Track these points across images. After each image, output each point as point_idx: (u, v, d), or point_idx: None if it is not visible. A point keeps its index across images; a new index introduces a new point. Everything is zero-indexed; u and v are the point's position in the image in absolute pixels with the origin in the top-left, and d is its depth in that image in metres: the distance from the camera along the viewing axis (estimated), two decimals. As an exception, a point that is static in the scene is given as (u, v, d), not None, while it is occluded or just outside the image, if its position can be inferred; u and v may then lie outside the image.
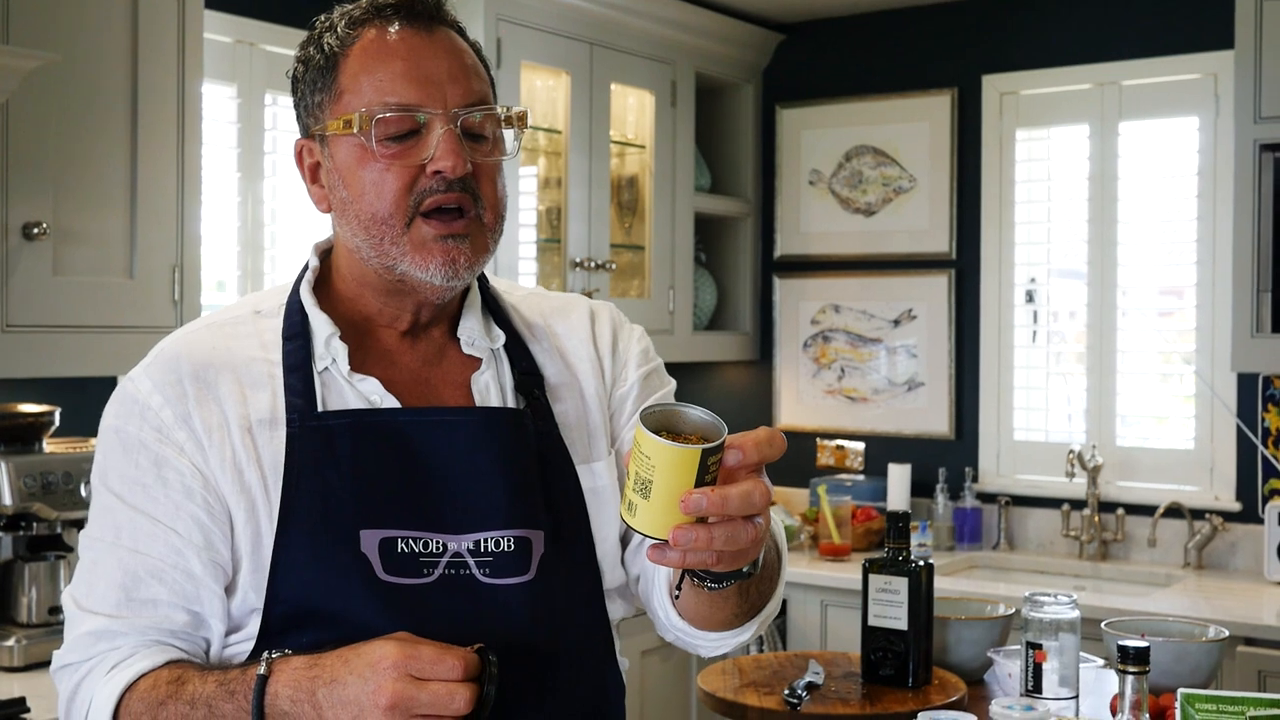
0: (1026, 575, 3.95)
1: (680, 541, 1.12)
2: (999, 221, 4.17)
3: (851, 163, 4.43)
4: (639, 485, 1.12)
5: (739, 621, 1.39)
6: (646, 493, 1.11)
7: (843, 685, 2.26)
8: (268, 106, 3.49)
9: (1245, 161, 3.44)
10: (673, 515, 1.11)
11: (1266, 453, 3.73)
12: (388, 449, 1.37)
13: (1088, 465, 3.90)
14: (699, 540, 1.11)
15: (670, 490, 1.11)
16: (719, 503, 1.11)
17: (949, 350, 4.25)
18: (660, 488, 1.11)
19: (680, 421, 1.14)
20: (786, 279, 4.57)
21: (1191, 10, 3.83)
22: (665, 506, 1.11)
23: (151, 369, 1.41)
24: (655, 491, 1.11)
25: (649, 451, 1.11)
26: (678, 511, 1.11)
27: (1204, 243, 3.83)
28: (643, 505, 1.12)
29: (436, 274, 1.37)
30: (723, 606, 1.35)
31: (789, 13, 4.44)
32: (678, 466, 1.10)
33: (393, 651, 1.21)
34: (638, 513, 1.13)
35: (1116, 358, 3.99)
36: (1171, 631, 2.29)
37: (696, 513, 1.11)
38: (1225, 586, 3.60)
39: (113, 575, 1.35)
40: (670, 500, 1.11)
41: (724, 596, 1.31)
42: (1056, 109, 4.09)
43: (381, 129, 1.37)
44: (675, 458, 1.10)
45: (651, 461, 1.11)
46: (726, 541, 1.12)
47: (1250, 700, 1.66)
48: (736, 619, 1.38)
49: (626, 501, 1.14)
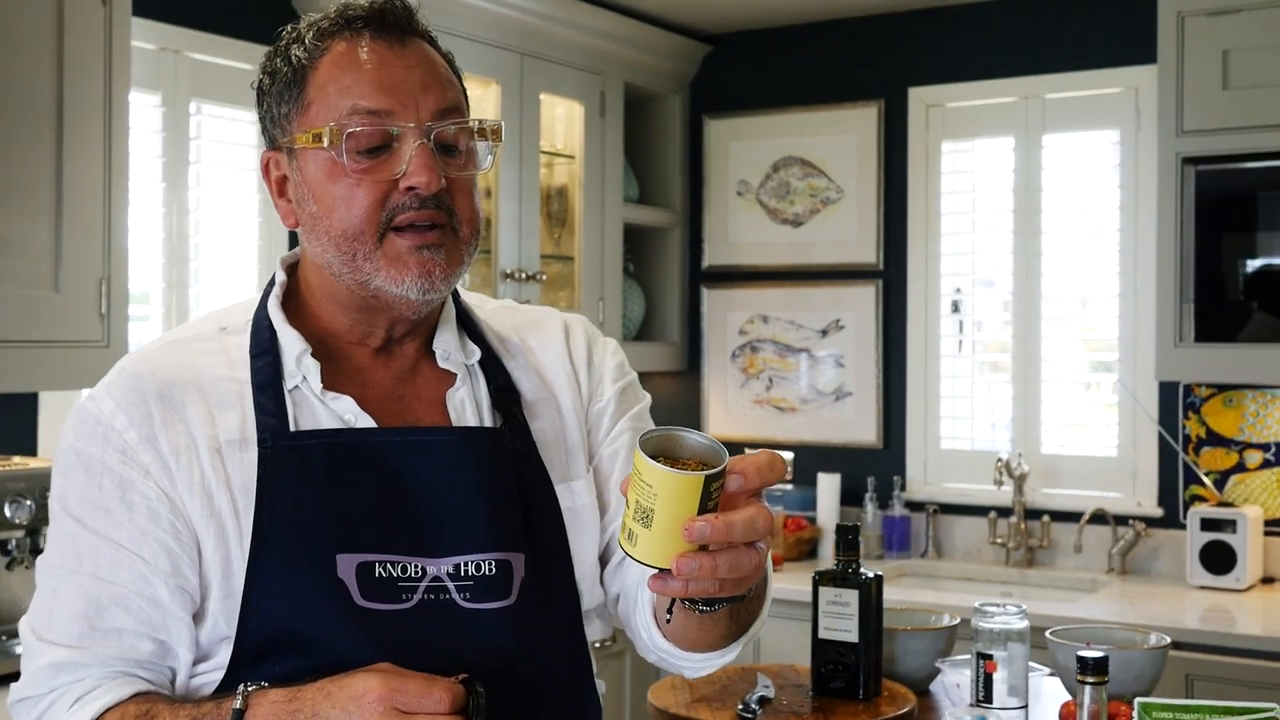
0: (955, 583, 3.99)
1: (684, 571, 1.10)
2: (925, 232, 4.21)
3: (779, 174, 4.45)
4: (640, 514, 1.10)
5: (726, 642, 1.37)
6: (648, 521, 1.09)
7: (794, 698, 2.26)
8: (193, 115, 3.42)
9: (1168, 174, 3.52)
10: (675, 544, 1.09)
11: (1187, 460, 3.81)
12: (364, 470, 1.34)
13: (1014, 473, 3.96)
14: (703, 569, 1.10)
15: (673, 518, 1.08)
16: (723, 530, 1.09)
17: (876, 360, 4.29)
18: (662, 516, 1.08)
19: (679, 447, 1.12)
20: (714, 289, 4.58)
21: (1113, 26, 3.91)
22: (667, 535, 1.09)
23: (114, 388, 1.36)
24: (657, 520, 1.09)
25: (650, 479, 1.08)
26: (680, 540, 1.09)
27: (1125, 254, 3.91)
28: (644, 534, 1.10)
29: (412, 288, 1.34)
30: (712, 629, 1.33)
31: (716, 24, 4.46)
32: (680, 494, 1.08)
33: (378, 684, 1.18)
34: (639, 542, 1.10)
35: (1041, 367, 4.05)
36: (1114, 639, 2.33)
37: (700, 540, 1.08)
38: (1149, 591, 3.67)
39: (74, 604, 1.30)
40: (673, 528, 1.08)
41: (714, 619, 1.30)
42: (981, 121, 4.15)
43: (352, 143, 1.33)
44: (678, 485, 1.08)
45: (653, 489, 1.08)
46: (730, 569, 1.11)
47: (1207, 708, 1.69)
48: (724, 640, 1.37)
49: (626, 531, 1.11)
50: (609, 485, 1.47)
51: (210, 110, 3.48)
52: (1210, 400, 3.80)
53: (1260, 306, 3.49)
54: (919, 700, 2.32)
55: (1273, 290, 3.48)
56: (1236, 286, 3.51)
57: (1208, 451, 3.80)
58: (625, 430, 1.50)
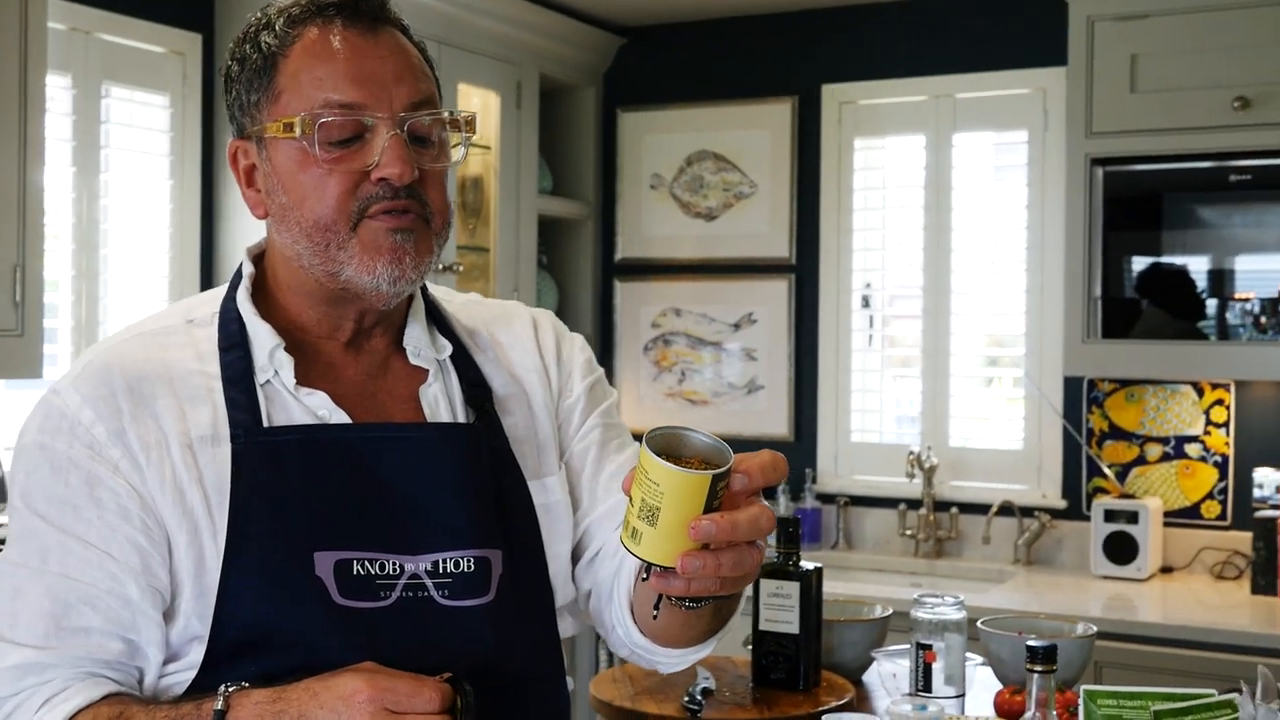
0: (866, 574, 4.05)
1: (689, 569, 1.10)
2: (837, 228, 4.27)
3: (693, 167, 4.47)
4: (645, 512, 1.10)
5: (706, 637, 1.38)
6: (654, 520, 1.09)
7: (735, 689, 2.28)
8: (104, 98, 3.33)
9: (1077, 174, 3.61)
10: (680, 542, 1.09)
11: (1091, 453, 3.92)
12: (340, 466, 1.32)
13: (924, 466, 4.03)
14: (707, 567, 1.10)
15: (679, 517, 1.09)
16: (729, 529, 1.10)
17: (788, 354, 4.33)
18: (669, 514, 1.09)
19: (683, 446, 1.13)
20: (627, 282, 4.59)
21: (1022, 29, 4.00)
22: (673, 533, 1.09)
23: (80, 382, 1.32)
24: (664, 518, 1.09)
25: (657, 478, 1.09)
26: (685, 538, 1.09)
27: (1033, 251, 4.00)
28: (649, 532, 1.10)
29: (383, 276, 1.32)
30: (696, 625, 1.34)
31: (630, 17, 4.46)
32: (688, 493, 1.08)
33: (367, 684, 1.16)
34: (643, 540, 1.10)
35: (949, 361, 4.13)
36: (1041, 629, 2.38)
37: (706, 539, 1.09)
38: (1055, 581, 3.77)
39: (40, 603, 1.26)
40: (679, 527, 1.09)
41: (699, 615, 1.30)
42: (893, 119, 4.21)
43: (324, 133, 1.31)
44: (686, 484, 1.08)
45: (660, 488, 1.09)
46: (734, 567, 1.11)
47: (1151, 695, 1.74)
48: (704, 635, 1.38)
49: (630, 529, 1.11)
50: (580, 481, 1.47)
51: (120, 93, 3.40)
52: (1113, 395, 3.91)
53: (1153, 303, 3.60)
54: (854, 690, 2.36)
55: (1166, 288, 3.59)
56: (1134, 284, 3.61)
57: (1110, 445, 3.91)
58: (595, 426, 1.50)
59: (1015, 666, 2.27)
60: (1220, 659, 3.20)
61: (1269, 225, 3.49)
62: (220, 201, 3.65)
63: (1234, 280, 3.52)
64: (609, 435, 1.50)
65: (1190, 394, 3.82)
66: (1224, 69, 3.45)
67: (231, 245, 3.64)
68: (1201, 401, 3.81)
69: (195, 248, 3.58)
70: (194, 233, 3.58)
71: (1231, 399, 3.77)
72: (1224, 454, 3.79)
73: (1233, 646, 3.21)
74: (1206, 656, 3.23)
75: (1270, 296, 3.44)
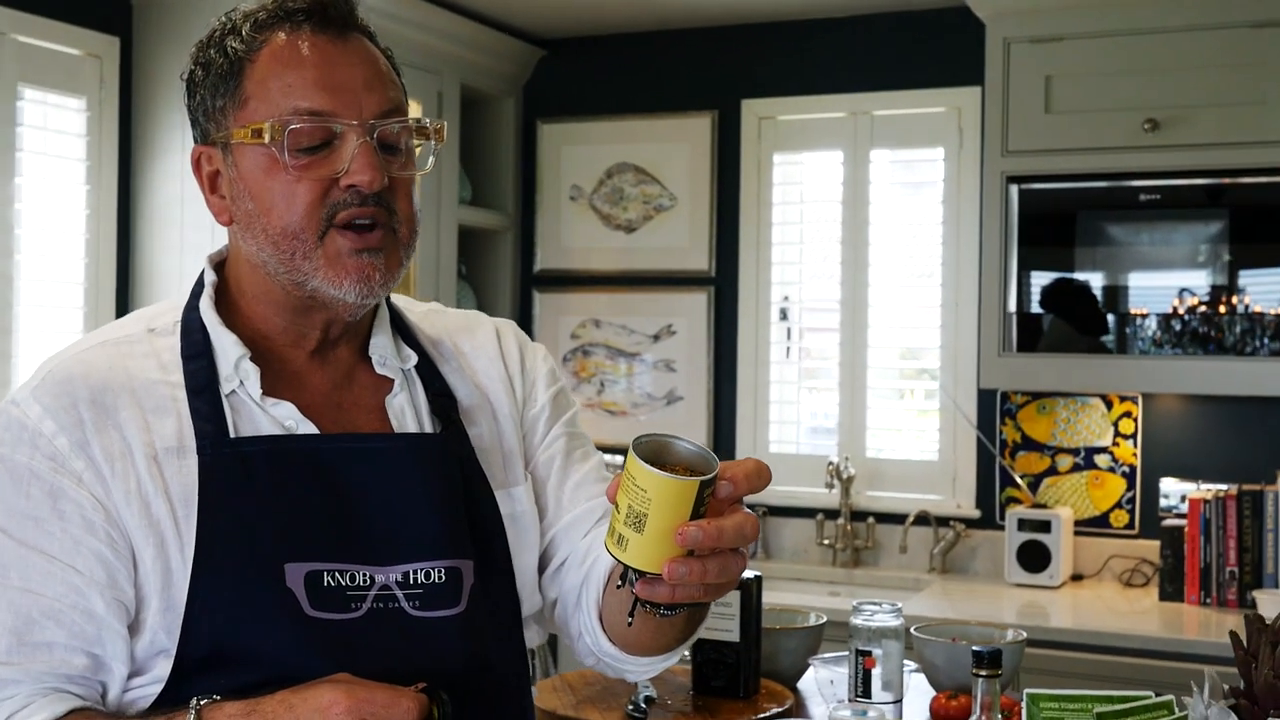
0: (784, 583, 4.09)
1: (675, 575, 1.11)
2: (756, 241, 4.31)
3: (613, 180, 4.49)
4: (632, 518, 1.10)
5: (677, 644, 1.39)
6: (640, 526, 1.10)
7: (676, 698, 2.29)
8: (19, 100, 3.25)
9: (993, 192, 3.69)
10: (667, 548, 1.10)
11: (1004, 463, 4.01)
12: (309, 477, 1.31)
13: (842, 476, 4.08)
14: (693, 573, 1.11)
15: (666, 523, 1.10)
16: (715, 535, 1.10)
17: (707, 365, 4.37)
18: (656, 520, 1.10)
19: (669, 453, 1.13)
20: (546, 293, 4.59)
21: (939, 49, 4.08)
22: (659, 540, 1.10)
23: (40, 392, 1.29)
24: (650, 524, 1.10)
25: (645, 484, 1.09)
26: (672, 545, 1.10)
27: (948, 266, 4.08)
28: (635, 539, 1.11)
29: (350, 291, 1.32)
30: (669, 632, 1.35)
31: (550, 29, 4.47)
32: (675, 499, 1.09)
33: (344, 695, 1.16)
34: (629, 547, 1.11)
35: (867, 373, 4.20)
36: (972, 635, 2.43)
37: (693, 545, 1.10)
38: (969, 589, 3.84)
39: (2, 618, 1.24)
40: (665, 533, 1.10)
41: (671, 623, 1.31)
42: (812, 135, 4.27)
43: (294, 140, 1.30)
44: (673, 490, 1.09)
45: (647, 494, 1.09)
46: (719, 574, 1.12)
47: (1093, 698, 1.79)
48: (676, 643, 1.39)
49: (615, 535, 1.12)
50: (546, 490, 1.48)
51: (34, 96, 3.32)
52: (1025, 407, 4.00)
53: (1065, 318, 3.68)
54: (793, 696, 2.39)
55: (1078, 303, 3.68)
56: (1050, 299, 3.71)
57: (1022, 456, 4.00)
58: (560, 436, 1.51)
59: (949, 672, 2.32)
60: (1131, 663, 3.30)
61: (1176, 243, 3.61)
62: (137, 207, 3.59)
63: (1141, 296, 3.62)
64: (573, 445, 1.51)
65: (1100, 406, 3.92)
66: (1135, 92, 3.56)
67: (149, 252, 3.58)
68: (1110, 414, 3.91)
69: (111, 253, 3.51)
70: (110, 238, 3.51)
71: (1139, 411, 3.88)
72: (1132, 465, 3.90)
73: (1143, 651, 3.31)
74: (1118, 661, 3.32)
75: (1165, 312, 3.54)
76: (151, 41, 3.54)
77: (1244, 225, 3.48)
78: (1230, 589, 3.56)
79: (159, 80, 3.54)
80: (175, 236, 3.54)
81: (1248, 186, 3.47)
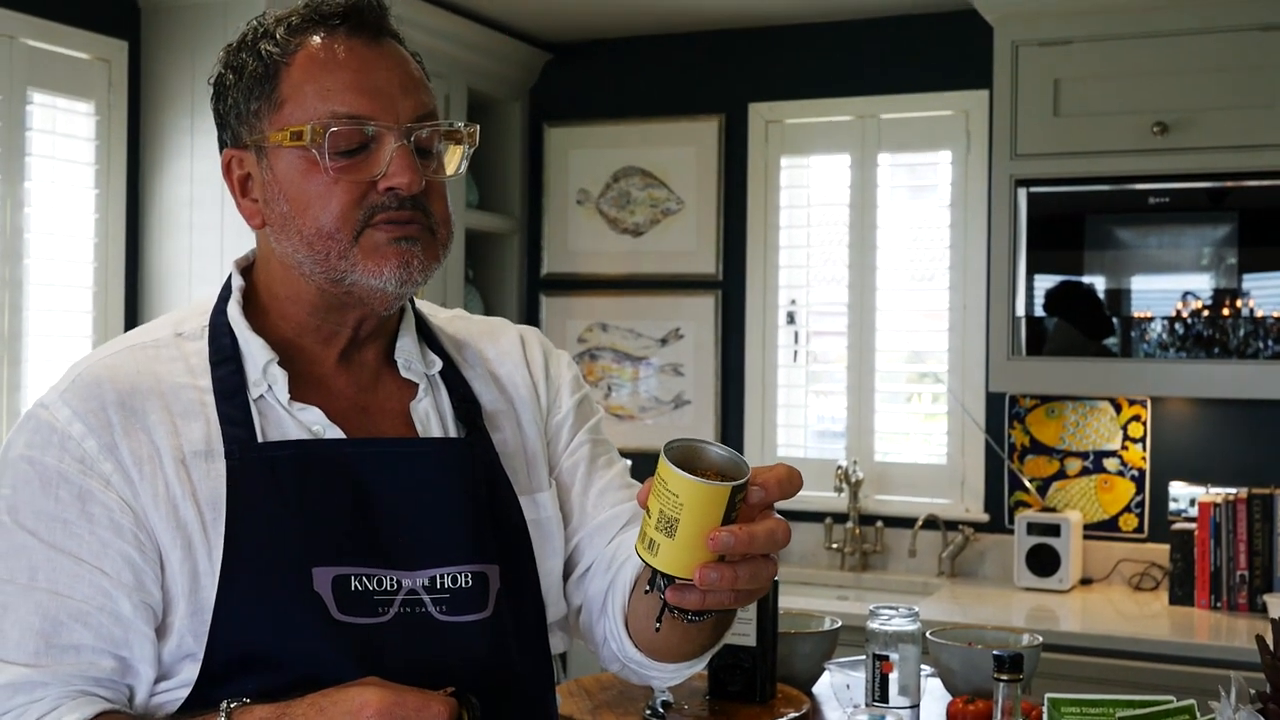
0: (794, 587, 4.09)
1: (706, 581, 1.10)
2: (763, 244, 4.31)
3: (620, 183, 4.49)
4: (663, 523, 1.10)
5: (703, 651, 1.39)
6: (672, 531, 1.10)
7: (692, 703, 2.29)
8: (28, 104, 3.25)
9: (1002, 195, 3.69)
10: (698, 554, 1.10)
11: (1013, 467, 4.00)
12: (336, 482, 1.31)
13: (850, 480, 4.08)
14: (724, 579, 1.10)
15: (698, 528, 1.09)
16: (747, 541, 1.10)
17: (715, 369, 4.37)
18: (687, 526, 1.09)
19: (700, 458, 1.13)
20: (553, 297, 4.59)
21: (947, 52, 4.08)
22: (691, 545, 1.09)
23: (69, 395, 1.29)
24: (682, 530, 1.09)
25: (676, 489, 1.09)
26: (703, 550, 1.09)
27: (955, 269, 4.08)
28: (666, 544, 1.10)
29: (391, 278, 1.31)
30: (696, 639, 1.34)
31: (557, 32, 4.47)
32: (708, 504, 1.08)
33: (374, 699, 1.15)
34: (660, 552, 1.11)
35: (874, 377, 4.19)
36: (988, 639, 2.43)
37: (724, 550, 1.09)
38: (979, 594, 3.84)
39: (30, 620, 1.23)
40: (697, 539, 1.09)
41: (700, 629, 1.30)
42: (819, 139, 4.27)
43: (334, 142, 1.30)
44: (706, 495, 1.08)
45: (679, 499, 1.09)
46: (750, 580, 1.12)
47: (1114, 702, 1.78)
48: (702, 649, 1.38)
49: (647, 541, 1.12)
50: (570, 497, 1.48)
51: (44, 100, 3.32)
52: (1034, 410, 4.00)
53: (1073, 322, 3.68)
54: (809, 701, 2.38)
55: (1086, 307, 3.68)
56: (1058, 303, 3.70)
57: (1031, 459, 4.00)
58: (585, 442, 1.50)
59: (965, 676, 2.32)
60: (1141, 667, 3.29)
61: (1184, 246, 3.61)
62: (146, 211, 3.58)
63: (1151, 299, 3.62)
64: (598, 451, 1.50)
65: (1109, 410, 3.92)
66: (1144, 95, 3.56)
67: (158, 256, 3.57)
68: (1119, 417, 3.91)
69: (120, 257, 3.51)
70: (119, 242, 3.51)
71: (1148, 415, 3.88)
72: (1141, 468, 3.90)
73: (1153, 655, 3.31)
74: (1128, 665, 3.31)
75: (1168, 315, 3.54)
76: (160, 45, 3.54)
77: (1251, 228, 3.48)
78: (1241, 593, 3.56)
79: (167, 84, 3.54)
80: (184, 240, 3.54)
81: (1255, 190, 3.47)
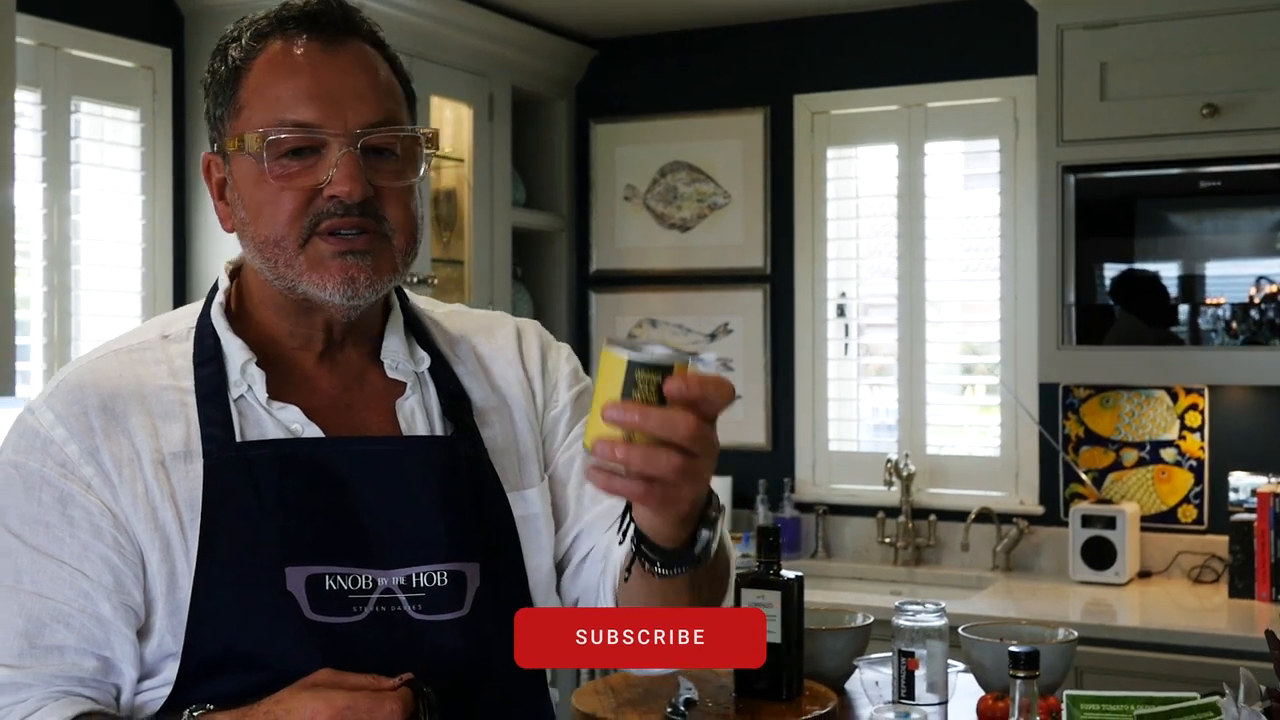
0: (845, 582, 4.05)
1: (597, 451, 1.12)
2: (811, 237, 4.27)
3: (666, 179, 4.47)
4: None
5: None
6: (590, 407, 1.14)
7: (718, 700, 2.27)
8: (74, 113, 3.30)
9: (1049, 183, 3.62)
10: (603, 428, 1.12)
11: (1067, 459, 3.93)
12: (313, 481, 1.31)
13: (902, 474, 4.03)
14: (615, 454, 1.11)
15: (601, 401, 1.12)
16: (636, 416, 1.10)
17: (764, 363, 4.34)
18: (597, 398, 1.12)
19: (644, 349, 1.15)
20: (602, 294, 4.58)
21: (992, 38, 4.01)
22: (596, 418, 1.13)
23: (53, 400, 1.31)
24: (594, 404, 1.13)
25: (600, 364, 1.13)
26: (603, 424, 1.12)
27: (1006, 259, 4.01)
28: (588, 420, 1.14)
29: (335, 293, 1.31)
30: (670, 600, 1.32)
31: (602, 29, 4.46)
32: (609, 376, 1.12)
33: (325, 706, 1.16)
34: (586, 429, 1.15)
35: (926, 369, 4.14)
36: (1022, 635, 2.38)
37: (616, 422, 1.11)
38: (1033, 587, 3.77)
39: (13, 622, 1.25)
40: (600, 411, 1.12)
41: (674, 589, 1.29)
42: (865, 129, 4.22)
43: (275, 149, 1.30)
44: (608, 366, 1.12)
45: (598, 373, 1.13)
46: (643, 462, 1.11)
47: (1133, 699, 1.74)
48: None
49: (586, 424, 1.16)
50: (566, 491, 1.47)
51: (90, 108, 3.38)
52: (1088, 401, 3.92)
53: (1126, 309, 3.61)
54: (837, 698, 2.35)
55: (1139, 294, 3.61)
56: (1108, 290, 3.63)
57: (1086, 450, 3.93)
58: (580, 437, 1.49)
59: (997, 673, 2.28)
60: (1200, 662, 3.21)
61: (1239, 231, 3.52)
62: (193, 217, 3.63)
63: (1205, 286, 3.54)
64: (594, 446, 1.49)
65: (1165, 399, 3.84)
66: (1192, 76, 3.47)
67: (205, 261, 3.62)
68: (1176, 406, 3.83)
69: (168, 263, 3.56)
70: (166, 248, 3.56)
71: (1206, 404, 3.79)
72: (1199, 458, 3.81)
73: (1212, 650, 3.22)
74: (1186, 660, 3.24)
75: (1240, 301, 3.46)
76: (203, 52, 3.57)
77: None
78: (1302, 584, 3.46)
79: (211, 90, 3.57)
80: (230, 245, 3.57)
81: (1314, 170, 3.37)
